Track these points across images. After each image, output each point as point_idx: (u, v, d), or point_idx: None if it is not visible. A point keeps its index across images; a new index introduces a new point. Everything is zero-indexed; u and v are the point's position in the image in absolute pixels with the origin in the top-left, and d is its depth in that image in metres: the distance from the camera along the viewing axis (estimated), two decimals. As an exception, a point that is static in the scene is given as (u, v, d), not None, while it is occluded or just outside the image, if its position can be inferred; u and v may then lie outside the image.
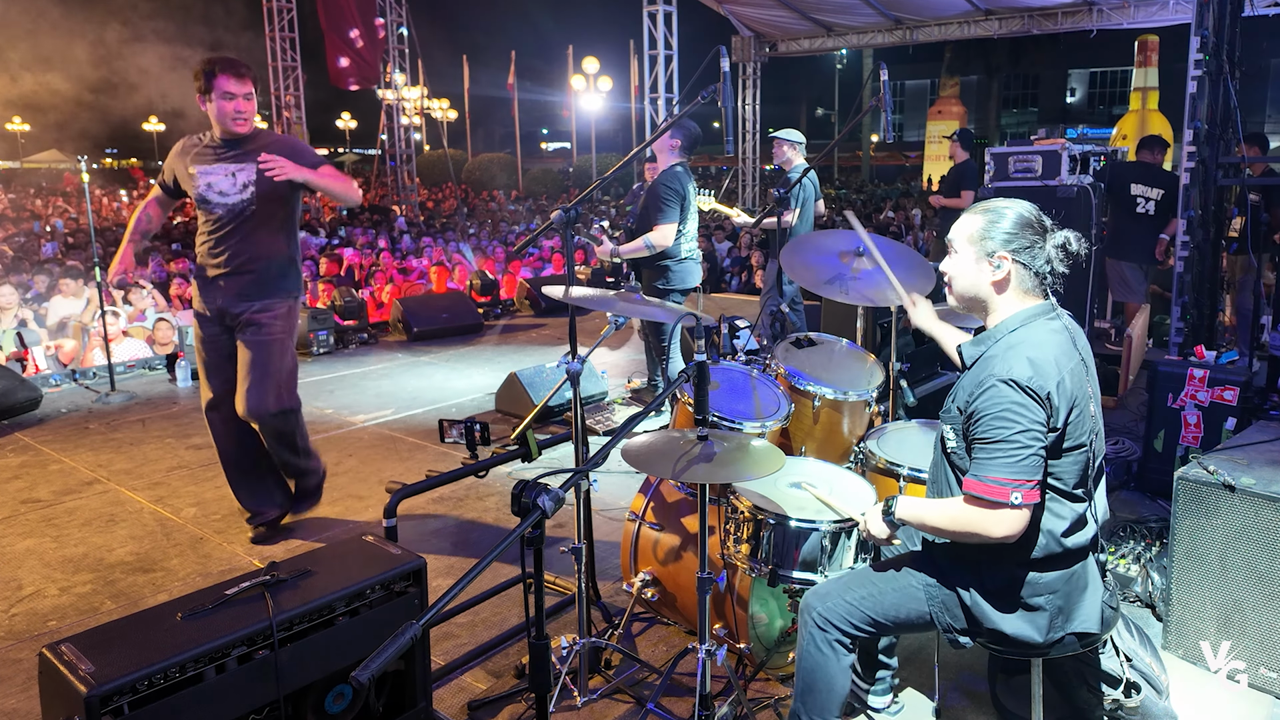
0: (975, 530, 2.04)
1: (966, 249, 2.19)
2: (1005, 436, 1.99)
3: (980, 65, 36.03)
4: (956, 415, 2.14)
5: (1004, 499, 1.98)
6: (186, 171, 3.76)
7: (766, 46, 15.34)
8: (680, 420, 3.20)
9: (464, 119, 38.98)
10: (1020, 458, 1.98)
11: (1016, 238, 2.13)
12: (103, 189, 26.96)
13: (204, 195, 3.72)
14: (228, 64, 3.64)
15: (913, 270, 3.09)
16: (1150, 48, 17.22)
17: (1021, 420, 1.98)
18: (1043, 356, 2.04)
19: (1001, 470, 1.99)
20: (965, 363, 2.19)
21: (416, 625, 1.41)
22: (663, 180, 5.26)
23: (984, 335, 2.19)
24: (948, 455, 2.20)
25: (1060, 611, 2.11)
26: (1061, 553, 2.09)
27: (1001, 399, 2.00)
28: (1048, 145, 5.94)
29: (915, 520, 2.18)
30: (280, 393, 3.84)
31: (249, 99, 3.67)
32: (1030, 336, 2.09)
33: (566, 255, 2.98)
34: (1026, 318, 2.13)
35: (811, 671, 2.24)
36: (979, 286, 2.18)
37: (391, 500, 2.99)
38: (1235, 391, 4.00)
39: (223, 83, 3.61)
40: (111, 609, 3.49)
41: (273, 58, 17.41)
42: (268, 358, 3.80)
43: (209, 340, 3.87)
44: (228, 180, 3.71)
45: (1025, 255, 2.12)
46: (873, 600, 2.22)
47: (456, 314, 8.97)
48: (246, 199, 3.71)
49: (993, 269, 2.15)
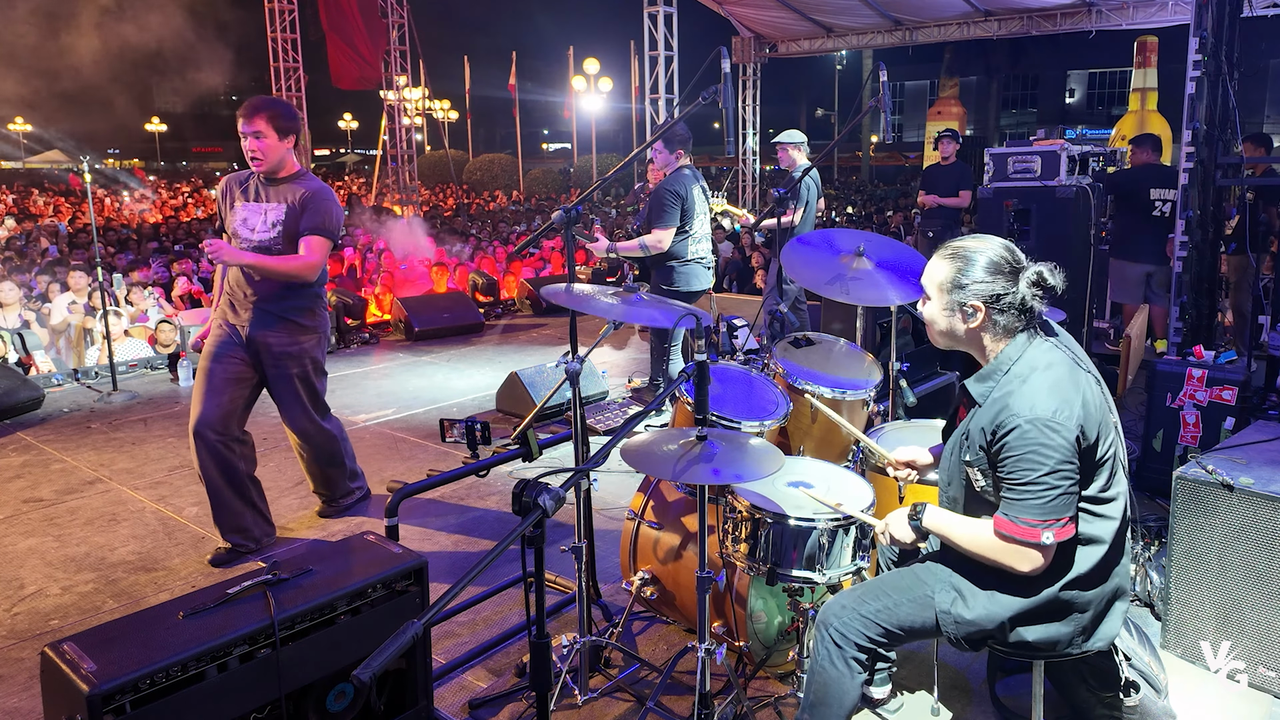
0: (1001, 563, 2.04)
1: (938, 296, 2.15)
2: (1034, 478, 1.97)
3: (980, 66, 36.00)
4: (981, 455, 2.10)
5: (1035, 540, 1.98)
6: (230, 205, 3.88)
7: (767, 47, 15.34)
8: (679, 420, 3.21)
9: (465, 120, 39.01)
10: (1050, 498, 1.97)
11: (987, 284, 2.08)
12: (104, 189, 26.97)
13: (236, 229, 3.83)
14: (242, 106, 3.75)
15: (913, 271, 3.10)
16: (1149, 48, 17.21)
17: (1050, 460, 1.96)
18: (1058, 379, 2.01)
19: (1033, 513, 1.98)
20: (976, 400, 2.14)
21: (418, 624, 1.41)
22: (666, 184, 5.31)
23: (988, 371, 2.14)
24: (978, 495, 2.16)
25: (1085, 630, 2.10)
26: (1098, 565, 2.08)
27: (1027, 440, 1.97)
28: (1047, 146, 5.94)
29: (941, 533, 2.18)
30: (313, 416, 4.04)
31: (258, 138, 3.70)
32: (1036, 360, 2.06)
33: (567, 255, 2.99)
34: (1024, 343, 2.10)
35: (824, 686, 2.22)
36: (956, 331, 2.16)
37: (393, 499, 3.00)
38: (1234, 391, 4.01)
39: (239, 125, 3.72)
40: (113, 608, 3.50)
41: (274, 58, 17.40)
42: (298, 390, 3.95)
43: (222, 356, 3.83)
44: (259, 218, 3.81)
45: (1000, 303, 2.08)
46: (888, 613, 2.21)
47: (457, 314, 8.98)
48: (273, 236, 3.79)
49: (965, 319, 2.12)
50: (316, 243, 3.79)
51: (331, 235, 3.84)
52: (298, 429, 4.07)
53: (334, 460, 4.21)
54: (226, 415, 3.79)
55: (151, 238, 15.42)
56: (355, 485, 4.37)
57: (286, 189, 3.81)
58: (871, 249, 3.15)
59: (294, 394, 3.96)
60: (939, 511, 2.21)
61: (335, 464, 4.22)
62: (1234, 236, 6.87)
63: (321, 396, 4.10)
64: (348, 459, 4.28)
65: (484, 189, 32.07)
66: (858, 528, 2.62)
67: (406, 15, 19.01)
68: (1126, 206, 6.89)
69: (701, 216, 5.47)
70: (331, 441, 4.16)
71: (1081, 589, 2.09)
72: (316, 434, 4.09)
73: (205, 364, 3.83)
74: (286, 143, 3.78)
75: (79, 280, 8.32)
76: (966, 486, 2.19)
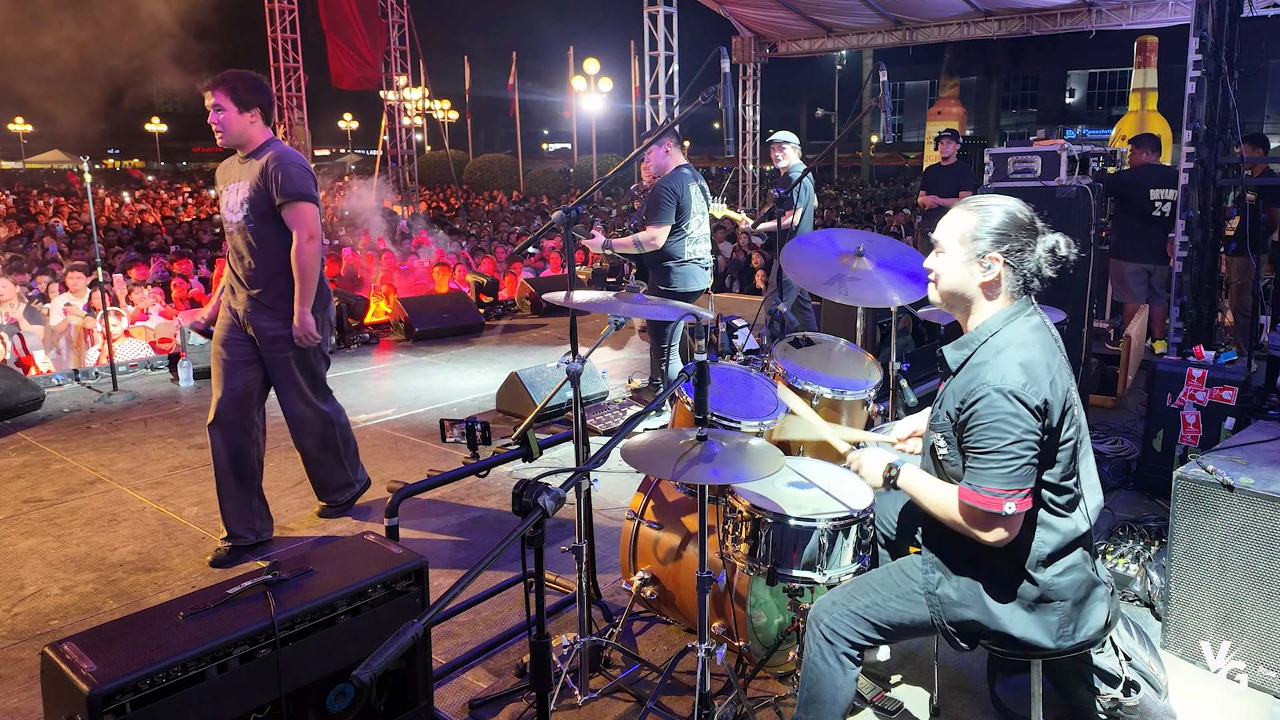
0: (966, 530, 2.06)
1: (956, 248, 2.14)
2: (999, 447, 1.99)
3: (980, 66, 36.03)
4: (946, 422, 2.13)
5: (998, 509, 1.99)
6: (220, 192, 3.89)
7: (767, 47, 15.34)
8: (679, 420, 3.21)
9: (465, 120, 39.01)
10: (1014, 468, 1.99)
11: (1009, 238, 2.09)
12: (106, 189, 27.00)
13: (224, 214, 3.85)
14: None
15: (913, 271, 3.10)
16: (1149, 49, 17.21)
17: (1015, 430, 1.98)
18: (1032, 359, 2.03)
19: (996, 481, 1.99)
20: (950, 368, 2.17)
21: (418, 624, 1.41)
22: (664, 181, 5.32)
23: (966, 339, 2.16)
24: (939, 463, 2.19)
25: (1069, 618, 2.11)
26: (1062, 545, 2.09)
27: (995, 409, 1.99)
28: (1047, 146, 5.94)
29: (911, 491, 2.20)
30: (310, 400, 4.01)
31: (217, 110, 3.65)
32: (1014, 337, 2.07)
33: (567, 255, 2.99)
34: (1007, 318, 2.11)
35: (817, 683, 2.23)
36: (966, 286, 2.15)
37: (393, 499, 3.00)
38: (1234, 391, 4.01)
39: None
40: (114, 608, 3.50)
41: (274, 59, 17.42)
42: (295, 372, 3.93)
43: (229, 341, 3.88)
44: (234, 197, 3.79)
45: (1016, 257, 2.09)
46: (877, 609, 2.22)
47: (458, 314, 8.99)
48: (244, 215, 3.75)
49: (983, 270, 2.11)
50: (298, 211, 3.70)
51: (308, 195, 3.72)
52: (293, 415, 4.03)
53: (327, 441, 4.14)
54: (243, 398, 3.84)
55: (151, 237, 15.43)
56: (356, 477, 4.32)
57: (253, 163, 3.75)
58: (871, 249, 3.15)
59: (288, 377, 3.92)
60: (915, 471, 2.23)
61: (329, 446, 4.16)
62: (1234, 237, 6.88)
63: (322, 381, 4.06)
64: (342, 444, 4.21)
65: (484, 189, 32.05)
66: (858, 528, 2.62)
67: (406, 15, 19.03)
68: (1126, 207, 6.89)
69: (699, 216, 5.46)
70: (327, 424, 4.10)
71: (1057, 573, 2.09)
72: (312, 417, 4.04)
73: (215, 349, 3.90)
74: (248, 116, 3.70)
75: (77, 281, 8.32)
76: (931, 452, 2.22)
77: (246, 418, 3.84)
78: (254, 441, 3.90)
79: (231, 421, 3.81)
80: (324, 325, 3.99)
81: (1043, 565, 2.10)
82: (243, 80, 3.69)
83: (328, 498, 4.30)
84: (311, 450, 4.16)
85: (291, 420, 4.06)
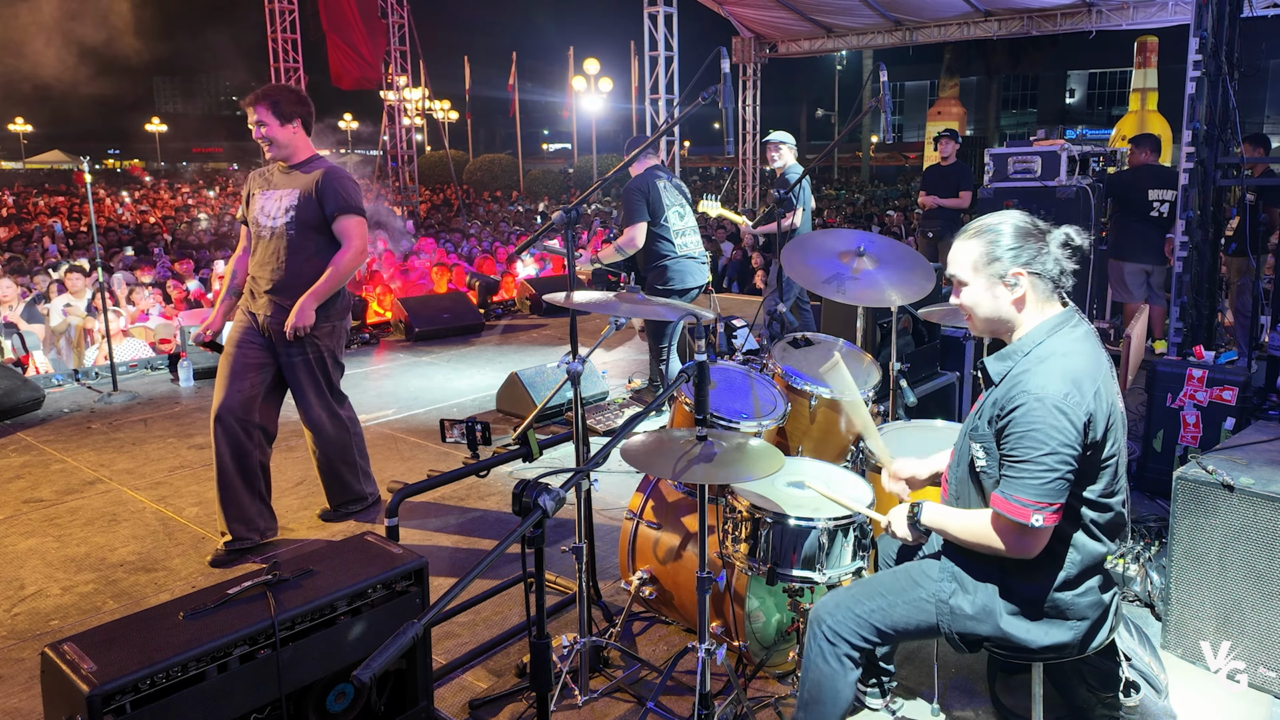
0: (992, 545, 2.04)
1: (975, 278, 2.12)
2: (1034, 457, 1.96)
3: (980, 66, 36.01)
4: (986, 433, 2.09)
5: (1025, 520, 1.97)
6: (250, 199, 3.95)
7: (767, 48, 15.34)
8: (678, 420, 3.21)
9: (465, 120, 39.02)
10: (1046, 480, 1.95)
11: (1022, 250, 2.06)
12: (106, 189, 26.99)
13: (256, 218, 3.89)
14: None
15: (913, 271, 3.10)
16: (1149, 49, 17.23)
17: (1052, 442, 1.94)
18: (1076, 367, 2.00)
19: (1027, 492, 1.97)
20: (992, 379, 2.13)
21: (418, 624, 1.41)
22: (631, 184, 5.42)
23: (1009, 350, 2.12)
24: (976, 474, 2.16)
25: (1083, 633, 2.10)
26: (1090, 566, 2.09)
27: (1034, 417, 1.96)
28: (1047, 146, 5.96)
29: (939, 528, 2.18)
30: (330, 404, 4.04)
31: (260, 126, 3.75)
32: (1058, 346, 2.04)
33: (568, 255, 2.99)
34: (1051, 329, 2.08)
35: (818, 684, 2.23)
36: (1000, 309, 2.11)
37: (393, 500, 3.00)
38: (1234, 391, 4.01)
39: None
40: (114, 608, 3.50)
41: (274, 59, 17.40)
42: (310, 376, 3.96)
43: (244, 343, 3.89)
44: (274, 204, 3.85)
45: (1036, 265, 2.06)
46: (882, 613, 2.21)
47: (457, 314, 8.98)
48: (287, 221, 3.82)
49: (1009, 289, 2.08)
50: (351, 224, 3.84)
51: (359, 209, 3.87)
52: (312, 420, 4.04)
53: (345, 456, 4.16)
54: (247, 400, 3.84)
55: (152, 237, 15.43)
56: (369, 490, 4.32)
57: (300, 175, 3.85)
58: (871, 249, 3.15)
59: (305, 380, 3.95)
60: (935, 508, 2.22)
61: (347, 460, 4.18)
62: (1234, 237, 6.88)
63: (337, 386, 4.10)
64: (360, 458, 4.25)
65: (484, 189, 32.07)
66: (857, 527, 2.62)
67: (406, 15, 19.02)
68: (1125, 207, 6.90)
69: (677, 209, 5.45)
70: (345, 433, 4.13)
71: (1079, 593, 2.09)
72: (331, 424, 4.07)
73: (228, 349, 3.91)
74: (291, 126, 3.81)
75: (76, 281, 8.32)
76: (970, 464, 2.19)
77: (249, 418, 3.84)
78: (256, 443, 3.90)
79: (235, 419, 3.82)
80: (339, 333, 4.03)
81: (1069, 587, 2.08)
82: (280, 94, 3.82)
83: (340, 507, 4.30)
84: (333, 459, 4.16)
85: (311, 426, 4.07)
